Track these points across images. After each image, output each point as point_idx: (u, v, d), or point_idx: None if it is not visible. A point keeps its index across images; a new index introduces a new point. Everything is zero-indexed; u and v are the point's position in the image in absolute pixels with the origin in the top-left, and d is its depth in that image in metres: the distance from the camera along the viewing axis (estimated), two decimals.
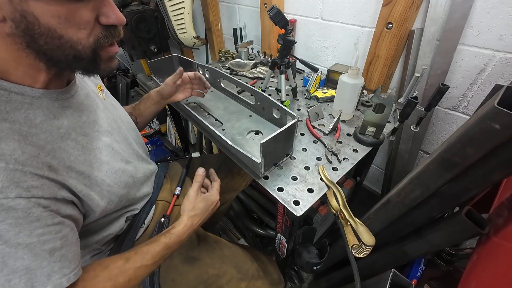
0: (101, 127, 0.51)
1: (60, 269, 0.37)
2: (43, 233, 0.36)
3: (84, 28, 0.36)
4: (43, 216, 0.35)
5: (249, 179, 1.01)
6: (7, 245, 0.33)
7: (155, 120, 2.15)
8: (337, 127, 0.73)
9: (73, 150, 0.43)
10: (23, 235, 0.34)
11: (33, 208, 0.34)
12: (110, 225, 0.56)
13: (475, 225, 0.47)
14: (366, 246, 0.45)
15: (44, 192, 0.36)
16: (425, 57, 0.73)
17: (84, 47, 0.37)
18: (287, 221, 0.67)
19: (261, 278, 0.69)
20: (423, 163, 0.51)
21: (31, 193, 0.34)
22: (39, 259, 0.35)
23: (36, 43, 0.34)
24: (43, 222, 0.35)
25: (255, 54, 1.21)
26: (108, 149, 0.51)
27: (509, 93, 0.37)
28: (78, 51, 0.37)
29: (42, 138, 0.38)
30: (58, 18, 0.33)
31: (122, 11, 1.18)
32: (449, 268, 0.69)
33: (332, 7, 0.93)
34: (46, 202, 0.36)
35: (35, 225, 0.35)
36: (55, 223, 0.37)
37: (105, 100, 0.58)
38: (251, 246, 1.28)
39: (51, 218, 0.37)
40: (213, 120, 0.80)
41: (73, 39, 0.35)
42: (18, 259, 0.34)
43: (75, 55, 0.37)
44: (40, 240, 0.35)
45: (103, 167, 0.47)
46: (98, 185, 0.46)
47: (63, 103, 0.44)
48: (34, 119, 0.39)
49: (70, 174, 0.41)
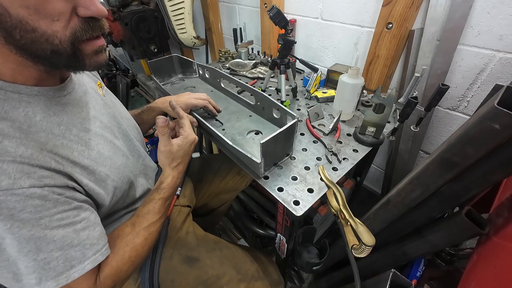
0: (101, 123, 0.51)
1: (92, 246, 0.41)
2: (62, 218, 0.38)
3: (58, 19, 0.34)
4: (59, 202, 0.37)
5: (249, 179, 1.01)
6: (35, 230, 0.35)
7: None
8: (337, 127, 0.73)
9: (76, 145, 0.43)
10: (45, 221, 0.36)
11: (48, 195, 0.36)
12: (112, 225, 0.56)
13: (475, 225, 0.47)
14: (366, 246, 0.45)
15: (56, 181, 0.37)
16: (425, 57, 0.73)
17: (61, 41, 0.35)
18: (287, 221, 0.67)
19: (261, 279, 0.69)
20: (423, 163, 0.51)
21: (44, 182, 0.36)
22: (69, 239, 0.38)
23: (12, 37, 0.33)
24: (60, 208, 0.37)
25: (255, 54, 1.21)
26: (110, 144, 0.51)
27: (509, 93, 0.37)
28: (55, 45, 0.35)
29: (43, 135, 0.39)
30: (27, 8, 0.31)
31: (122, 11, 1.18)
32: (449, 268, 0.69)
33: (332, 7, 0.93)
34: (59, 190, 0.38)
35: (54, 211, 0.37)
36: (72, 208, 0.39)
37: (105, 97, 0.59)
38: (251, 246, 1.28)
39: (68, 204, 0.39)
40: (213, 120, 0.80)
41: (47, 32, 0.33)
42: (49, 242, 0.36)
43: (53, 50, 0.35)
44: (62, 224, 0.37)
45: (107, 162, 0.48)
46: (103, 180, 0.46)
47: (61, 100, 0.44)
48: (34, 116, 0.39)
49: (75, 169, 0.41)
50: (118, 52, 2.19)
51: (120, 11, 1.19)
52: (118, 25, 1.23)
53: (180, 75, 1.07)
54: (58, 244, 0.37)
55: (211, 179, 0.94)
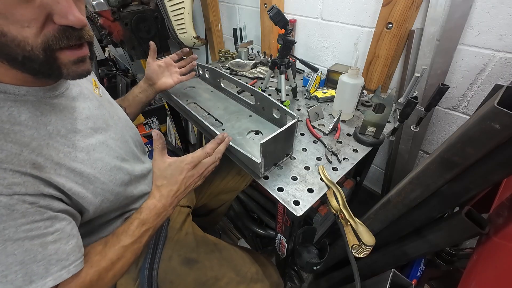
0: (95, 124, 0.50)
1: (58, 262, 0.38)
2: (31, 229, 0.35)
3: (28, 26, 0.32)
4: (29, 212, 0.35)
5: (249, 179, 1.01)
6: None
7: (155, 120, 2.15)
8: (337, 127, 0.73)
9: (62, 146, 0.42)
10: (8, 231, 0.33)
11: (16, 205, 0.34)
12: (109, 226, 0.56)
13: (475, 225, 0.47)
14: (366, 246, 0.45)
15: (28, 189, 0.35)
16: (425, 57, 0.73)
17: (33, 48, 0.34)
18: (287, 221, 0.67)
19: (260, 281, 0.68)
20: (423, 163, 0.51)
21: (13, 190, 0.34)
22: (32, 253, 0.35)
23: None
24: (29, 218, 0.35)
25: (255, 54, 1.21)
26: (103, 146, 0.49)
27: (509, 93, 0.37)
28: (27, 51, 0.33)
29: (27, 135, 0.37)
30: None
31: (122, 11, 1.17)
32: (449, 268, 0.69)
33: (332, 7, 0.93)
34: (31, 198, 0.36)
35: (21, 221, 0.34)
36: (44, 219, 0.37)
37: (101, 97, 0.57)
38: (251, 246, 1.28)
39: (40, 214, 0.36)
40: (213, 120, 0.80)
41: (18, 38, 0.32)
42: (9, 255, 0.34)
43: (25, 56, 0.34)
44: (29, 236, 0.35)
45: (97, 164, 0.46)
46: (91, 183, 0.45)
47: (51, 101, 0.43)
48: (19, 116, 0.38)
49: (59, 171, 0.40)
50: (118, 52, 2.19)
51: (120, 11, 1.19)
52: (118, 25, 1.23)
53: None
54: (19, 258, 0.34)
55: (211, 179, 0.94)
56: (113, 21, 1.21)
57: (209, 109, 0.86)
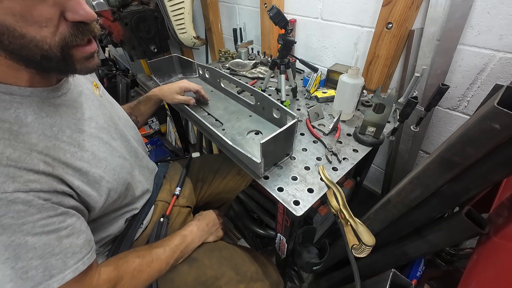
0: (97, 124, 0.51)
1: (74, 255, 0.39)
2: (47, 224, 0.37)
3: (46, 26, 0.33)
4: (44, 208, 0.36)
5: (249, 179, 1.01)
6: (15, 237, 0.34)
7: (155, 120, 2.15)
8: (337, 127, 0.73)
9: (68, 147, 0.42)
10: (27, 227, 0.35)
11: (33, 201, 0.35)
12: (110, 226, 0.56)
13: (475, 225, 0.47)
14: (366, 246, 0.45)
15: (43, 186, 0.36)
16: (425, 57, 0.73)
17: (51, 47, 0.35)
18: (287, 221, 0.67)
19: (260, 280, 0.68)
20: (423, 163, 0.51)
21: (29, 187, 0.35)
22: (50, 247, 0.37)
23: (1, 43, 0.32)
24: (45, 213, 0.36)
25: (255, 54, 1.21)
26: (106, 145, 0.50)
27: (509, 93, 0.37)
28: (45, 50, 0.34)
29: (34, 137, 0.38)
30: (13, 15, 0.31)
31: (122, 11, 1.17)
32: (449, 268, 0.69)
33: (332, 7, 0.93)
34: (46, 195, 0.37)
35: (38, 217, 0.36)
36: (58, 214, 0.38)
37: (102, 98, 0.58)
38: (251, 246, 1.28)
39: (53, 210, 0.38)
40: (213, 120, 0.80)
41: (36, 38, 0.33)
42: (30, 250, 0.35)
43: (43, 55, 0.35)
44: (45, 231, 0.36)
45: (101, 163, 0.47)
46: (97, 182, 0.46)
47: (55, 101, 0.44)
48: (25, 118, 0.38)
49: (67, 170, 0.41)
50: (118, 52, 2.19)
51: (120, 11, 1.18)
52: (118, 25, 1.23)
53: (180, 75, 1.07)
54: (38, 252, 0.36)
55: (211, 179, 0.94)
56: (113, 21, 1.21)
57: (209, 109, 0.86)
